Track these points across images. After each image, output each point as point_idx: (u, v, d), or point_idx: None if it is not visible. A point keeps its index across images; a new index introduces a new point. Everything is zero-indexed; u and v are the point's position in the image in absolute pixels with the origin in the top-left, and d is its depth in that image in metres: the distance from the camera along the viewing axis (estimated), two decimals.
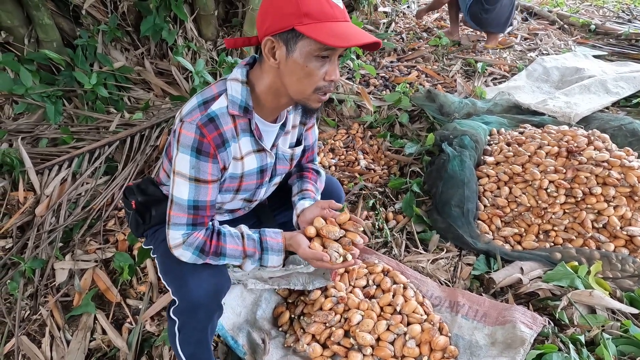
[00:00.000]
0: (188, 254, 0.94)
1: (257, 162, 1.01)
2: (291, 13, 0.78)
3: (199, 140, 0.87)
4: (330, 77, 0.86)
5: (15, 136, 2.04)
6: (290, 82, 0.86)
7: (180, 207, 0.92)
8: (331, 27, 0.79)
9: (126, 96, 2.42)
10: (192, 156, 0.88)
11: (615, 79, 2.45)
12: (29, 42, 2.25)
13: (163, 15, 2.50)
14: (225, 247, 0.96)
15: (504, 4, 3.02)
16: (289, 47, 0.82)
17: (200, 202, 0.93)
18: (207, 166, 0.90)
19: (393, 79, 2.85)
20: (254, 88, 0.92)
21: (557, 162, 1.62)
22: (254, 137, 0.97)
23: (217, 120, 0.89)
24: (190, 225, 0.94)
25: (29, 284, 1.52)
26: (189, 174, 0.90)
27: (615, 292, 1.26)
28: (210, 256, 0.95)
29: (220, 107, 0.90)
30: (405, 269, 1.44)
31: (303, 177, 1.22)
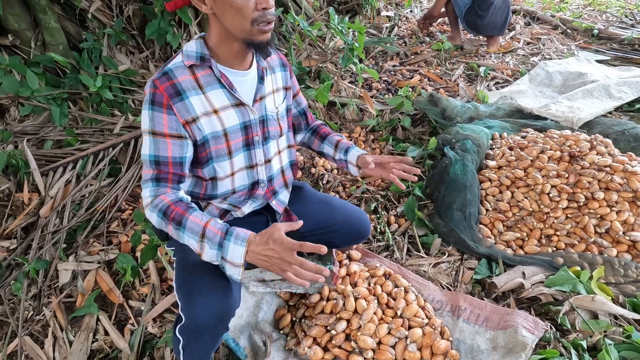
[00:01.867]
0: (154, 215, 0.93)
1: (239, 117, 1.00)
2: None
3: (152, 92, 0.91)
4: (262, 5, 0.86)
5: (20, 138, 2.06)
6: (228, 22, 0.89)
7: (146, 164, 0.95)
8: None
9: (130, 99, 2.44)
10: (148, 109, 0.92)
11: (618, 83, 2.45)
12: (35, 45, 2.27)
13: (168, 19, 2.52)
14: (188, 218, 0.90)
15: (498, 7, 3.03)
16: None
17: (161, 157, 0.93)
18: (161, 117, 0.92)
19: (396, 82, 2.86)
20: (207, 43, 0.96)
21: (560, 166, 1.62)
22: (226, 87, 0.97)
23: (171, 73, 0.92)
24: (154, 180, 0.94)
25: (32, 285, 1.53)
26: (148, 128, 0.93)
27: (617, 298, 1.25)
28: (171, 223, 0.90)
29: (175, 62, 0.94)
30: (407, 272, 1.45)
31: (325, 136, 1.27)
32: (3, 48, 2.23)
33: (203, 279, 0.96)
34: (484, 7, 3.00)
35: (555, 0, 4.64)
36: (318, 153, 1.30)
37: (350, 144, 1.23)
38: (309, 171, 2.11)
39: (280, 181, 1.20)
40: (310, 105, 2.42)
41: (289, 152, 1.21)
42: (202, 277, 0.97)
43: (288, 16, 2.78)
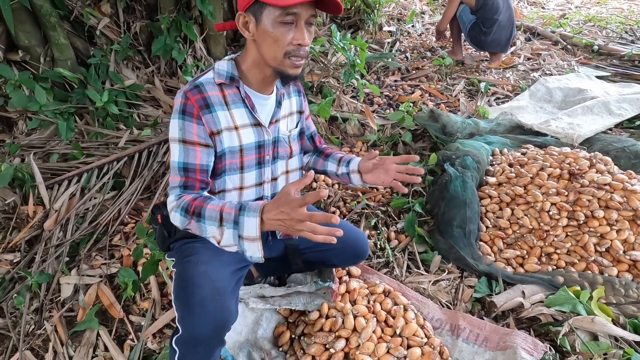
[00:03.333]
0: (178, 215, 0.97)
1: (255, 136, 1.06)
2: None
3: (183, 102, 0.97)
4: (298, 41, 0.93)
5: (27, 151, 2.10)
6: (264, 50, 0.95)
7: (174, 171, 1.00)
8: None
9: (136, 113, 2.49)
10: (179, 119, 0.98)
11: (618, 100, 2.47)
12: (44, 61, 2.33)
13: (174, 36, 2.59)
14: (206, 208, 0.93)
15: (502, 25, 3.06)
16: (257, 18, 0.93)
17: (190, 164, 0.99)
18: (192, 126, 0.97)
19: (397, 97, 2.89)
20: (240, 65, 1.03)
21: (559, 184, 1.63)
22: (248, 107, 1.03)
23: (202, 87, 0.99)
24: (182, 187, 1.00)
25: (34, 298, 1.54)
26: (177, 137, 0.98)
27: (618, 319, 1.24)
28: (193, 218, 0.94)
29: (206, 77, 1.01)
30: (407, 290, 1.45)
31: (329, 154, 1.30)
32: (13, 63, 2.29)
33: (201, 291, 0.97)
34: (488, 24, 3.04)
35: (555, 16, 4.70)
36: (322, 172, 1.33)
37: (352, 156, 1.26)
38: (310, 186, 2.12)
39: None
40: (312, 120, 2.45)
41: (299, 174, 1.25)
42: (200, 289, 0.98)
43: None
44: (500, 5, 3.03)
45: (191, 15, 2.69)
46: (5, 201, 1.88)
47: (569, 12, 4.95)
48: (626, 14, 4.74)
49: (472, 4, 3.04)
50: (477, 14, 3.06)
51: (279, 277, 1.51)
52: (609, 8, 5.12)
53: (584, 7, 5.21)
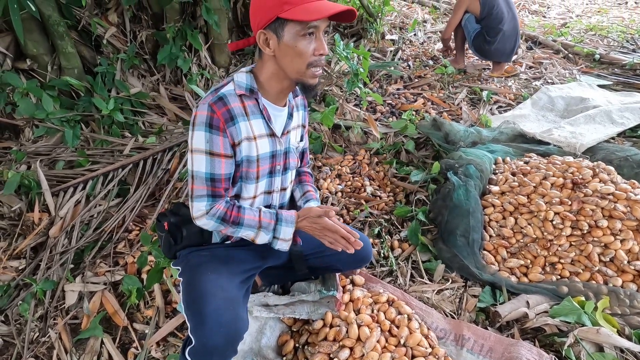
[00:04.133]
0: (211, 222, 1.05)
1: (270, 146, 1.10)
2: (273, 5, 0.92)
3: (210, 116, 0.99)
4: (319, 51, 0.98)
5: (34, 159, 2.12)
6: (286, 64, 0.99)
7: (200, 180, 1.03)
8: (307, 6, 0.92)
9: (141, 121, 2.51)
10: (205, 131, 0.99)
11: (620, 109, 2.48)
12: (51, 69, 2.37)
13: (179, 45, 2.62)
14: (244, 218, 1.05)
15: (507, 35, 3.08)
16: (278, 35, 0.95)
17: (216, 175, 1.02)
18: (218, 139, 1.00)
19: (399, 106, 2.91)
20: (257, 78, 1.06)
21: (563, 193, 1.63)
22: (265, 119, 1.07)
23: (225, 99, 1.01)
24: (210, 196, 1.04)
25: (39, 306, 1.55)
26: (204, 148, 1.00)
27: (623, 330, 1.24)
28: (230, 225, 1.05)
29: (228, 89, 1.03)
30: (411, 299, 1.45)
31: (302, 181, 1.34)
32: (21, 72, 2.33)
33: (214, 301, 0.98)
34: (492, 34, 3.05)
35: (556, 25, 4.73)
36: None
37: (315, 197, 1.28)
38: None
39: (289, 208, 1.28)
40: (315, 128, 2.47)
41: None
42: (213, 300, 0.99)
43: None
44: (505, 15, 3.05)
45: (196, 24, 2.73)
46: (11, 208, 1.90)
47: (570, 21, 4.98)
48: (627, 23, 4.77)
49: (477, 13, 3.06)
50: (482, 23, 3.08)
51: (282, 286, 1.51)
52: (610, 17, 5.15)
53: (585, 16, 5.25)
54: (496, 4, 3.01)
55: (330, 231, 1.07)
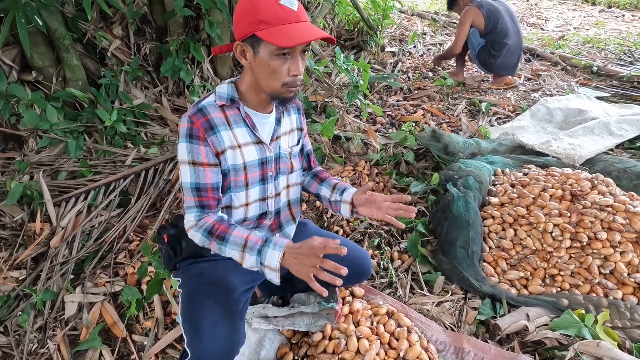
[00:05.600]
0: (198, 235, 1.03)
1: (258, 154, 1.10)
2: (250, 21, 0.91)
3: (189, 127, 1.00)
4: (293, 72, 0.96)
5: (37, 169, 2.14)
6: (261, 79, 0.99)
7: (187, 191, 1.04)
8: (283, 29, 0.90)
9: (143, 131, 2.54)
10: (186, 142, 1.01)
11: (618, 121, 2.50)
12: (56, 81, 2.41)
13: (182, 57, 2.67)
14: (231, 234, 1.01)
15: (512, 49, 3.12)
16: (254, 50, 0.95)
17: (201, 184, 1.03)
18: (199, 149, 1.01)
19: (399, 117, 2.94)
20: (239, 87, 1.07)
21: (562, 205, 1.64)
22: (249, 127, 1.07)
23: (205, 110, 1.02)
24: (199, 207, 1.04)
25: (38, 316, 1.55)
26: (187, 159, 1.02)
27: (624, 343, 1.23)
28: (215, 239, 1.01)
29: (208, 101, 1.04)
30: (410, 311, 1.44)
31: (324, 179, 1.32)
32: (26, 84, 2.36)
33: (211, 314, 0.98)
34: (498, 48, 3.09)
35: (554, 38, 4.79)
36: (315, 195, 1.34)
37: (347, 185, 1.26)
38: (313, 204, 2.14)
39: (287, 214, 1.27)
40: (315, 139, 2.49)
41: (299, 188, 1.29)
42: (209, 312, 0.99)
43: None
44: (510, 30, 3.10)
45: (199, 37, 2.78)
46: (13, 218, 1.91)
47: (568, 33, 5.05)
48: (624, 35, 4.84)
49: (481, 27, 3.11)
50: (486, 37, 3.12)
51: (282, 297, 1.51)
52: (607, 30, 5.22)
53: (583, 29, 5.32)
54: (501, 18, 3.07)
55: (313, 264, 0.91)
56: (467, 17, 3.10)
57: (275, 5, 0.90)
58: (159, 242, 1.23)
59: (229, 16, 2.66)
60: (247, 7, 0.92)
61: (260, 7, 0.90)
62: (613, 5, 6.99)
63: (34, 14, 1.94)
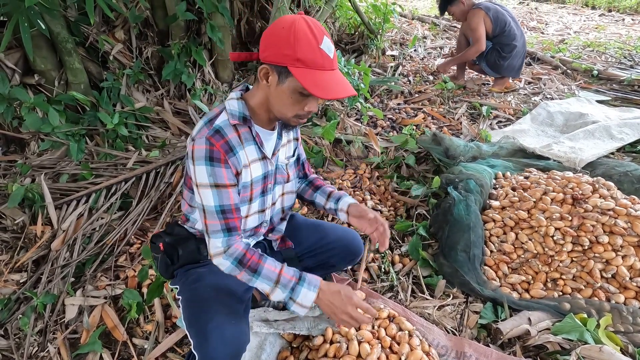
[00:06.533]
0: (227, 263, 1.01)
1: (262, 169, 1.11)
2: (287, 54, 0.91)
3: (209, 149, 0.98)
4: (310, 109, 0.99)
5: (38, 172, 2.14)
6: (275, 104, 1.00)
7: (211, 215, 1.01)
8: (317, 76, 0.91)
9: (145, 134, 2.55)
10: (207, 165, 0.98)
11: (619, 124, 2.50)
12: (58, 84, 2.42)
13: (184, 60, 2.68)
14: (263, 266, 1.01)
15: (519, 51, 3.18)
16: (280, 78, 0.95)
17: (225, 206, 1.01)
18: (221, 171, 1.00)
19: (400, 120, 2.94)
20: (248, 103, 1.06)
21: (563, 209, 1.63)
22: (257, 144, 1.08)
23: (222, 131, 1.01)
24: (225, 230, 1.02)
25: (39, 320, 1.54)
26: (208, 182, 0.99)
27: (627, 348, 1.22)
28: (246, 270, 1.01)
29: (222, 120, 1.03)
30: (411, 315, 1.44)
31: (319, 186, 1.35)
32: (29, 87, 2.37)
33: (216, 316, 0.99)
34: (507, 50, 3.14)
35: (554, 42, 4.81)
36: (309, 202, 1.38)
37: (342, 193, 1.30)
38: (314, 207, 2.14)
39: (280, 218, 1.32)
40: (316, 142, 2.50)
41: (293, 196, 1.31)
42: (215, 315, 1.00)
43: None
44: (517, 33, 3.15)
45: (201, 41, 2.80)
46: (14, 221, 1.91)
47: (568, 37, 5.07)
48: (624, 39, 4.85)
49: (489, 31, 3.14)
50: (494, 40, 3.16)
51: None
52: (607, 33, 5.24)
53: (583, 33, 5.34)
54: (507, 21, 3.11)
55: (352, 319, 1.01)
56: (479, 18, 3.12)
57: (316, 49, 0.90)
58: (154, 251, 1.22)
59: (230, 20, 2.68)
60: (288, 39, 0.89)
61: (302, 45, 0.89)
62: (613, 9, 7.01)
63: (37, 18, 1.95)
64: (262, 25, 3.09)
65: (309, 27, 0.90)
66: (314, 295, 0.99)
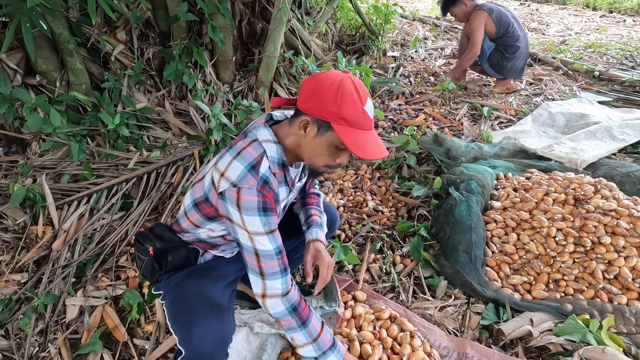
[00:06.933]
0: (282, 307, 1.03)
1: (287, 201, 1.16)
2: (332, 111, 0.93)
3: (263, 201, 0.98)
4: (341, 162, 1.03)
5: (40, 172, 2.14)
6: (308, 153, 1.02)
7: (270, 258, 1.01)
8: (359, 136, 0.94)
9: (146, 135, 2.55)
10: (260, 216, 0.98)
11: (620, 125, 2.49)
12: (60, 85, 2.42)
13: (185, 61, 2.68)
14: (311, 321, 1.07)
15: (522, 52, 3.17)
16: (319, 131, 0.97)
17: (280, 246, 1.04)
18: (273, 219, 1.01)
19: (401, 121, 2.94)
20: (282, 141, 1.05)
21: (565, 209, 1.63)
22: (289, 186, 1.11)
23: (269, 181, 1.00)
24: (284, 270, 1.04)
25: (40, 320, 1.54)
26: (264, 230, 0.99)
27: (629, 349, 1.22)
28: (297, 319, 1.05)
29: (266, 169, 1.01)
30: (413, 316, 1.43)
31: (306, 204, 1.37)
32: (30, 87, 2.37)
33: (198, 310, 1.01)
34: (511, 51, 3.14)
35: (555, 43, 4.80)
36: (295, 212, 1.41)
37: (316, 221, 1.32)
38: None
39: None
40: None
41: None
42: (196, 309, 1.01)
43: (298, 59, 2.93)
44: (520, 34, 3.14)
45: (202, 42, 2.79)
46: (15, 221, 1.91)
47: (569, 38, 5.07)
48: (625, 40, 4.84)
49: (492, 32, 3.13)
50: (498, 41, 3.15)
51: None
52: (609, 34, 5.24)
53: (584, 34, 5.34)
54: (510, 22, 3.11)
55: None
56: (480, 21, 3.11)
57: (360, 111, 0.93)
58: (142, 253, 1.18)
59: (231, 21, 2.68)
60: (335, 97, 0.92)
61: (348, 106, 0.92)
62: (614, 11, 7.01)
63: (39, 19, 1.96)
64: (263, 26, 3.09)
65: (356, 88, 0.93)
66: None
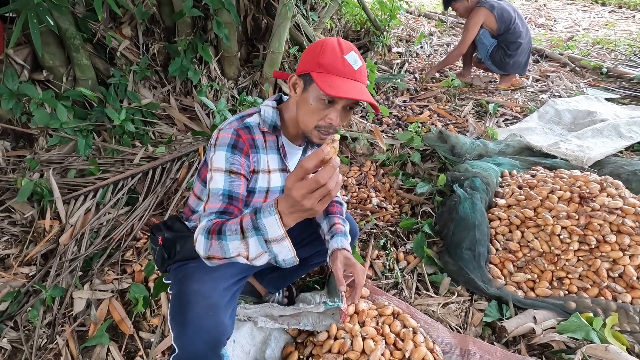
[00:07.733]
0: (202, 239, 0.88)
1: (281, 181, 1.13)
2: (312, 62, 0.96)
3: (235, 138, 1.01)
4: (329, 120, 0.99)
5: (47, 167, 2.17)
6: (300, 114, 1.03)
7: (216, 197, 0.99)
8: (334, 80, 0.93)
9: (151, 130, 2.56)
10: (227, 151, 1.00)
11: (628, 123, 2.47)
12: (66, 80, 2.44)
13: (190, 57, 2.69)
14: (226, 224, 0.86)
15: (524, 48, 3.15)
16: (305, 86, 1.00)
17: (234, 192, 1.01)
18: (240, 160, 1.01)
19: (406, 118, 2.93)
20: (282, 114, 1.10)
21: (570, 207, 1.62)
22: (280, 155, 1.11)
23: (251, 129, 1.05)
24: (220, 213, 0.96)
25: (47, 312, 1.57)
26: (224, 167, 1.00)
27: (633, 348, 1.22)
28: (214, 237, 0.86)
29: (254, 121, 1.07)
30: (416, 312, 1.44)
31: (329, 212, 1.30)
32: (37, 83, 2.40)
33: (195, 308, 1.00)
34: (513, 48, 3.11)
35: (563, 39, 4.75)
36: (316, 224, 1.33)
37: (340, 230, 1.22)
38: None
39: None
40: None
41: None
42: (194, 307, 1.00)
43: None
44: (522, 30, 3.11)
45: (207, 37, 2.80)
46: (23, 215, 1.94)
47: (577, 34, 5.00)
48: (634, 36, 4.77)
49: (494, 29, 3.10)
50: (499, 38, 3.12)
51: (288, 297, 1.52)
52: (617, 30, 5.16)
53: (592, 30, 5.27)
54: (512, 19, 3.07)
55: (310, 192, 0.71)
56: (478, 18, 3.08)
57: (339, 57, 0.94)
58: (153, 243, 1.24)
59: (236, 17, 2.68)
60: (316, 49, 0.96)
61: (326, 53, 0.94)
62: (623, 6, 6.90)
63: (45, 15, 1.97)
64: (267, 22, 3.08)
65: (339, 42, 0.96)
66: (275, 217, 0.77)
